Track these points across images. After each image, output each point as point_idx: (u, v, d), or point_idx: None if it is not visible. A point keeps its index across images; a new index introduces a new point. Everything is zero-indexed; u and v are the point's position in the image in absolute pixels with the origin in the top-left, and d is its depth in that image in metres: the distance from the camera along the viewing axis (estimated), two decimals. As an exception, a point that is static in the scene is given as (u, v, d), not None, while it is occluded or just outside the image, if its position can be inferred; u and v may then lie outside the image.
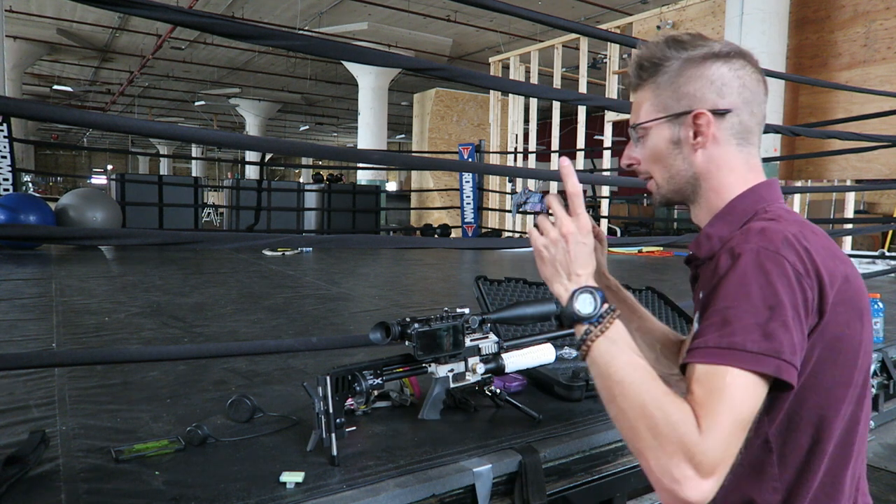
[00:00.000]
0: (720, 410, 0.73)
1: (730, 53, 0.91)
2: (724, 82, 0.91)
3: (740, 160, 0.93)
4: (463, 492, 1.33)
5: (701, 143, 0.92)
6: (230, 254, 6.32)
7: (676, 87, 0.93)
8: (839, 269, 0.82)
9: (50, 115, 1.71)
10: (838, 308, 0.81)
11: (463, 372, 1.58)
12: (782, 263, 0.77)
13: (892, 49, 7.52)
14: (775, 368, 0.75)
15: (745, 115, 0.92)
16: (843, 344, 0.82)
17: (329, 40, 1.97)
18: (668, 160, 0.96)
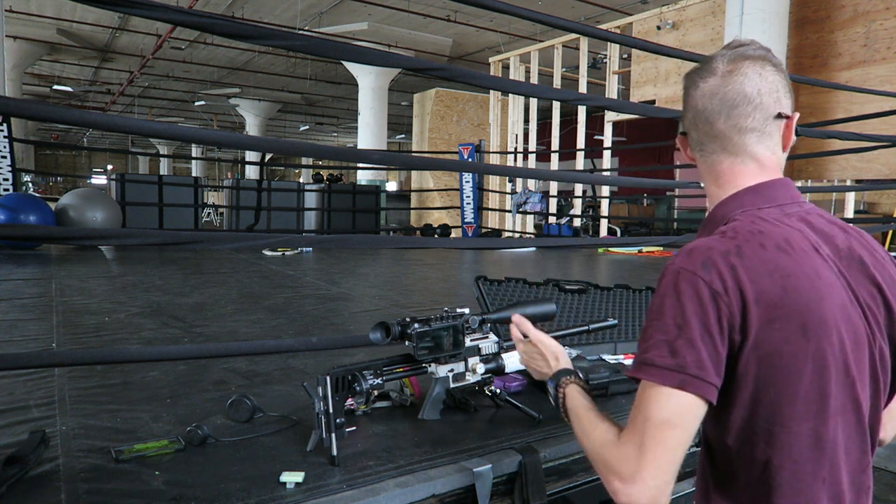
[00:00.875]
0: (636, 420, 0.84)
1: (703, 70, 0.95)
2: (689, 103, 0.97)
3: (722, 168, 0.96)
4: (463, 492, 1.33)
5: (690, 157, 1.02)
6: (230, 254, 6.33)
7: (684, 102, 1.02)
8: (776, 286, 0.81)
9: (50, 115, 1.71)
10: (774, 325, 0.81)
11: (463, 372, 1.58)
12: (696, 283, 0.82)
13: (892, 49, 7.52)
14: (679, 382, 0.81)
15: (712, 125, 0.94)
16: (782, 360, 0.81)
17: (329, 40, 1.97)
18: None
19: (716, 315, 0.81)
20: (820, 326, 0.82)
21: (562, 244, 4.82)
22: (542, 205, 10.11)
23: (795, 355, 0.82)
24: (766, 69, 0.92)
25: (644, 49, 2.83)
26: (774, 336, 0.81)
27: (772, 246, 0.84)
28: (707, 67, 0.95)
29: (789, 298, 0.81)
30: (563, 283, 2.42)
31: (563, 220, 10.49)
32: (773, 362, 0.82)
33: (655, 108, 3.83)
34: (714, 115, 0.93)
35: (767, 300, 0.81)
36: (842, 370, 0.83)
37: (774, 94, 0.91)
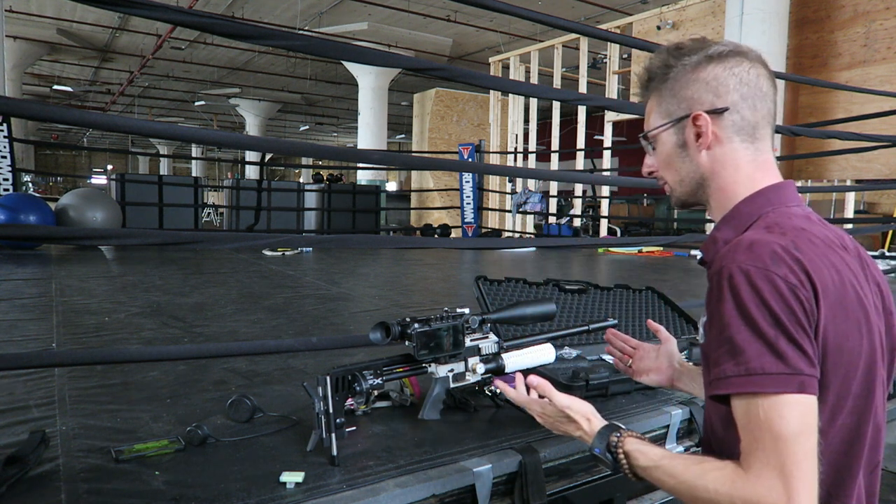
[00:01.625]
0: (762, 442, 0.76)
1: (724, 53, 0.93)
2: (720, 82, 0.92)
3: (746, 158, 0.94)
4: (463, 492, 1.33)
5: (703, 143, 0.95)
6: (230, 254, 6.33)
7: (676, 92, 0.96)
8: (835, 278, 0.81)
9: (50, 115, 1.71)
10: (837, 319, 0.80)
11: (463, 372, 1.58)
12: (773, 280, 0.78)
13: (892, 49, 7.52)
14: (798, 385, 0.76)
15: (746, 111, 0.92)
16: (843, 357, 0.81)
17: (329, 40, 1.97)
18: (676, 164, 0.99)
19: (801, 308, 0.78)
20: (868, 322, 0.83)
21: (562, 244, 4.81)
22: (542, 205, 10.12)
23: (854, 351, 0.81)
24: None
25: (644, 49, 2.82)
26: (839, 330, 0.80)
27: (819, 242, 0.84)
28: (748, 51, 0.94)
29: (845, 294, 0.81)
30: (563, 283, 2.42)
31: (563, 220, 10.50)
32: (838, 358, 0.80)
33: (655, 108, 3.82)
34: (758, 98, 0.92)
35: (830, 294, 0.80)
36: (878, 366, 0.85)
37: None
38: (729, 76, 0.92)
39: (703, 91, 0.93)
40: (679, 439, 1.75)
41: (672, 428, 1.72)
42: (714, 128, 0.94)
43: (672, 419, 1.71)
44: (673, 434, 1.72)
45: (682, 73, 0.95)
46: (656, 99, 1.00)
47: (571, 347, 2.11)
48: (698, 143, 0.95)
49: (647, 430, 1.67)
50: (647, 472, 0.91)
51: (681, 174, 1.00)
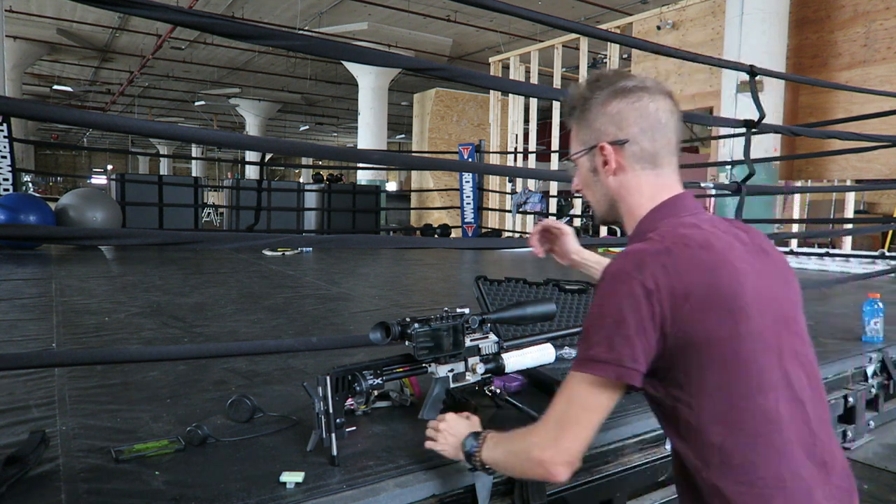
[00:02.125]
0: (557, 403, 0.98)
1: (629, 88, 1.05)
2: (622, 116, 1.04)
3: (649, 182, 1.06)
4: (463, 492, 1.33)
5: (609, 170, 1.08)
6: (230, 254, 6.33)
7: (589, 123, 1.08)
8: (703, 279, 0.92)
9: (50, 115, 1.71)
10: (706, 314, 0.90)
11: (463, 372, 1.58)
12: (631, 284, 0.92)
13: (892, 49, 7.52)
14: (616, 374, 0.91)
15: (645, 142, 1.05)
16: (717, 347, 0.91)
17: (329, 40, 1.97)
18: (592, 187, 1.13)
19: (649, 311, 0.90)
20: (745, 311, 0.92)
21: (562, 244, 4.79)
22: (542, 205, 10.11)
23: (728, 339, 0.91)
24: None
25: (644, 49, 2.83)
26: (708, 324, 0.90)
27: (695, 245, 0.95)
28: (652, 86, 1.06)
29: (715, 289, 0.92)
30: (563, 283, 2.42)
31: (563, 220, 10.49)
32: (712, 350, 0.91)
33: (655, 108, 3.82)
34: (657, 130, 1.05)
35: (697, 293, 0.91)
36: (772, 347, 0.93)
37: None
38: (630, 110, 1.04)
39: (608, 124, 1.05)
40: (679, 439, 1.74)
41: (672, 428, 1.71)
42: (617, 157, 1.06)
43: (672, 419, 1.71)
44: (673, 434, 1.72)
45: (594, 106, 1.07)
46: (575, 127, 1.11)
47: (571, 347, 2.11)
48: (605, 170, 1.08)
49: (647, 429, 1.67)
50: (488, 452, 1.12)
51: (596, 196, 1.13)
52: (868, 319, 2.68)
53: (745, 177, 3.01)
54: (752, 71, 2.97)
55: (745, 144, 3.07)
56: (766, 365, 0.92)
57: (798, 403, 0.94)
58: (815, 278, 5.34)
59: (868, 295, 2.72)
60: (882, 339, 2.66)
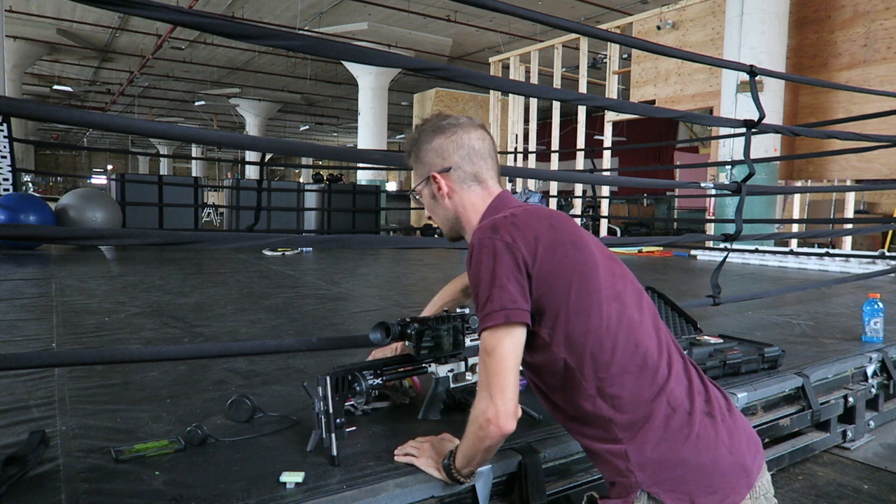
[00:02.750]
0: (481, 373, 1.14)
1: (445, 126, 1.31)
2: (444, 149, 1.31)
3: (477, 196, 1.32)
4: (463, 492, 1.33)
5: (443, 194, 1.32)
6: (230, 254, 6.33)
7: (420, 159, 1.33)
8: (547, 225, 1.18)
9: (50, 115, 1.71)
10: (554, 250, 1.15)
11: (463, 372, 1.58)
12: (493, 243, 1.13)
13: (892, 49, 7.52)
14: (504, 318, 1.10)
15: (466, 166, 1.30)
16: (562, 271, 1.14)
17: (329, 40, 1.97)
18: (435, 211, 1.36)
19: (512, 259, 1.12)
20: (582, 244, 1.19)
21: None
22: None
23: (575, 264, 1.15)
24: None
25: (644, 49, 2.83)
26: (556, 257, 1.14)
27: (532, 210, 1.23)
28: (465, 122, 1.32)
29: (559, 232, 1.18)
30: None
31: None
32: (558, 275, 1.13)
33: (655, 108, 3.83)
34: (476, 155, 1.30)
35: (545, 236, 1.15)
36: (606, 270, 1.19)
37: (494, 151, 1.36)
38: (448, 143, 1.30)
39: (434, 157, 1.31)
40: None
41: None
42: (447, 182, 1.31)
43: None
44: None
45: (422, 144, 1.32)
46: (413, 164, 1.36)
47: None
48: (440, 194, 1.32)
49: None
50: (461, 462, 1.24)
51: (440, 217, 1.36)
52: (868, 319, 2.68)
53: (745, 177, 3.01)
54: (752, 71, 2.97)
55: (745, 144, 3.07)
56: (601, 284, 1.16)
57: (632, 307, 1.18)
58: (815, 278, 5.33)
59: (868, 295, 2.72)
60: (882, 339, 2.66)
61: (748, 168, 2.97)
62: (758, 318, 3.30)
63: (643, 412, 1.10)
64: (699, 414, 1.11)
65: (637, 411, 1.10)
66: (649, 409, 1.10)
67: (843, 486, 1.97)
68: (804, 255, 6.63)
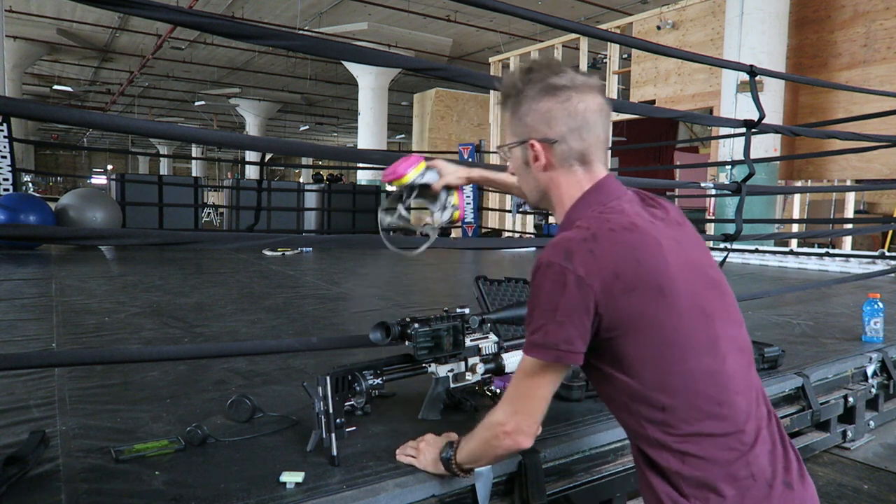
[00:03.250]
0: (513, 384, 1.08)
1: (559, 87, 1.06)
2: (552, 115, 1.07)
3: (577, 178, 1.10)
4: (463, 492, 1.33)
5: (539, 166, 1.11)
6: (230, 254, 6.32)
7: (520, 117, 1.10)
8: (629, 258, 0.98)
9: (50, 115, 1.71)
10: (634, 293, 0.97)
11: (463, 372, 1.58)
12: (563, 273, 0.97)
13: (892, 49, 7.52)
14: (555, 358, 1.00)
15: (573, 141, 1.07)
16: (647, 320, 0.97)
17: (329, 40, 1.97)
18: (524, 177, 1.16)
19: (581, 297, 0.96)
20: (671, 283, 0.98)
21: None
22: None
23: (658, 312, 0.97)
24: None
25: (644, 49, 2.83)
26: (637, 300, 0.97)
27: (619, 228, 1.00)
28: (581, 84, 1.07)
29: (642, 266, 0.98)
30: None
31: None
32: (644, 323, 0.97)
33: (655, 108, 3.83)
34: (586, 129, 1.07)
35: (625, 273, 0.97)
36: (699, 315, 1.00)
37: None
38: (559, 110, 1.06)
39: (539, 122, 1.08)
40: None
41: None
42: (547, 154, 1.09)
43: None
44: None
45: (526, 100, 1.08)
46: (508, 117, 1.13)
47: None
48: (536, 165, 1.11)
49: (647, 430, 1.67)
50: (463, 458, 1.21)
51: (528, 185, 1.17)
52: (868, 319, 2.68)
53: (745, 177, 3.01)
54: (752, 71, 2.97)
55: (745, 144, 3.07)
56: (697, 329, 0.99)
57: (728, 357, 1.01)
58: (815, 278, 5.33)
59: (868, 295, 2.72)
60: (882, 339, 2.66)
61: (748, 168, 2.97)
62: (758, 318, 3.30)
63: (719, 475, 0.96)
64: (779, 485, 0.97)
65: (711, 472, 0.96)
66: (727, 473, 0.96)
67: (843, 486, 1.97)
68: (804, 255, 6.63)
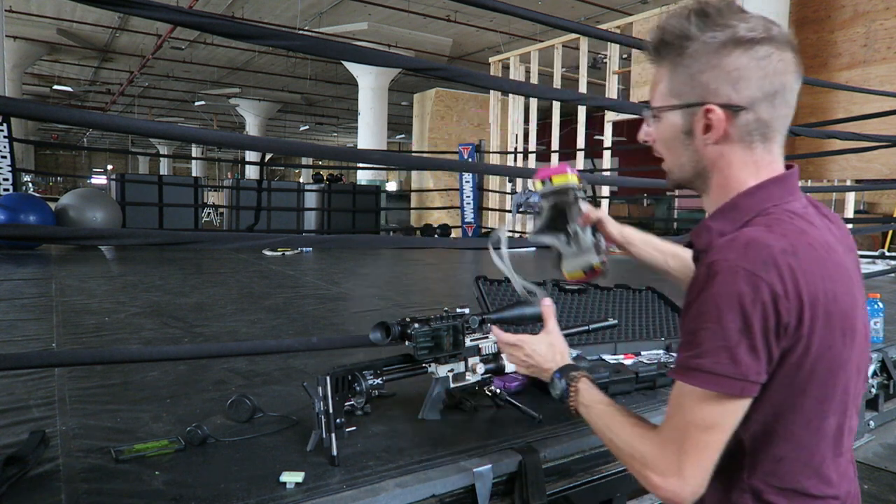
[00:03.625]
0: (675, 421, 0.83)
1: (755, 39, 0.82)
2: (742, 75, 0.82)
3: (754, 157, 0.86)
4: (463, 492, 1.33)
5: (711, 138, 0.86)
6: (230, 254, 6.32)
7: (692, 73, 0.85)
8: (827, 288, 0.79)
9: (50, 115, 1.71)
10: (823, 330, 0.79)
11: (463, 372, 1.58)
12: (759, 286, 0.76)
13: (892, 49, 7.52)
14: (740, 390, 0.78)
15: (764, 110, 0.84)
16: (823, 363, 0.80)
17: (329, 40, 1.97)
18: (678, 149, 0.91)
19: (776, 319, 0.76)
20: (854, 332, 0.83)
21: (562, 244, 4.79)
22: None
23: (836, 359, 0.81)
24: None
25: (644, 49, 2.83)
26: (823, 340, 0.79)
27: (819, 248, 0.81)
28: (778, 36, 0.83)
29: (835, 304, 0.79)
30: (563, 283, 2.42)
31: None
32: (818, 365, 0.80)
33: (655, 108, 3.82)
34: (780, 95, 0.84)
35: (820, 304, 0.78)
36: (854, 368, 0.85)
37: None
38: (754, 69, 0.82)
39: (722, 81, 0.83)
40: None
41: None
42: (727, 125, 0.84)
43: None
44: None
45: (702, 53, 0.83)
46: (667, 72, 0.88)
47: (571, 347, 2.11)
48: (706, 136, 0.86)
49: (647, 430, 1.67)
50: (585, 410, 0.99)
51: (681, 160, 0.91)
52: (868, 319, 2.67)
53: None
54: (752, 71, 2.97)
55: (745, 144, 3.07)
56: (854, 390, 0.86)
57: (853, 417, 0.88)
58: (815, 278, 5.32)
59: (868, 295, 2.72)
60: (882, 339, 2.66)
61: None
62: (758, 318, 3.30)
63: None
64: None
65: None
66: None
67: (843, 486, 1.97)
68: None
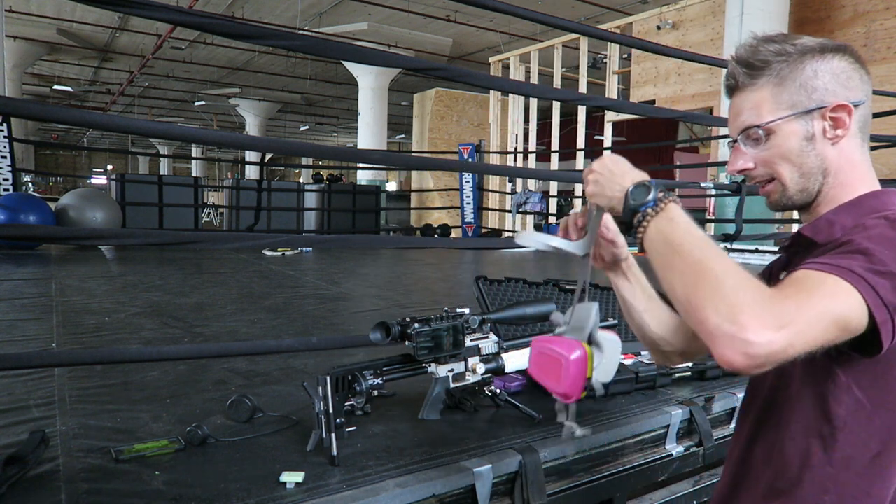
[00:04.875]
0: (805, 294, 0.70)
1: (843, 48, 0.89)
2: (848, 75, 0.88)
3: (863, 155, 0.92)
4: (463, 492, 1.33)
5: (836, 137, 0.89)
6: (230, 254, 6.32)
7: (802, 82, 0.88)
8: None
9: (50, 115, 1.71)
10: None
11: (463, 372, 1.58)
12: None
13: (892, 49, 7.52)
14: (874, 302, 0.70)
15: (867, 107, 0.91)
16: None
17: (329, 40, 1.97)
18: (800, 157, 0.90)
19: None
20: None
21: (562, 244, 4.80)
22: (542, 205, 10.11)
23: None
24: None
25: (644, 49, 2.83)
26: None
27: None
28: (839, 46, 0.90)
29: None
30: (563, 283, 2.42)
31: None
32: None
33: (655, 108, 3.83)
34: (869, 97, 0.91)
35: None
36: None
37: None
38: (851, 70, 0.89)
39: (835, 82, 0.87)
40: (679, 439, 1.75)
41: (672, 428, 1.72)
42: (850, 121, 0.89)
43: (672, 419, 1.71)
44: (673, 434, 1.72)
45: (804, 62, 0.87)
46: (771, 88, 0.89)
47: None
48: (833, 136, 0.89)
49: (647, 430, 1.67)
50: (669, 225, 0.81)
51: (803, 168, 0.90)
52: (868, 319, 2.67)
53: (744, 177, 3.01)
54: (752, 71, 2.97)
55: (745, 144, 3.07)
56: None
57: None
58: (815, 278, 5.32)
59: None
60: (882, 339, 2.65)
61: (748, 168, 2.97)
62: (758, 318, 3.30)
63: None
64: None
65: None
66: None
67: (843, 486, 1.96)
68: (804, 255, 6.62)
